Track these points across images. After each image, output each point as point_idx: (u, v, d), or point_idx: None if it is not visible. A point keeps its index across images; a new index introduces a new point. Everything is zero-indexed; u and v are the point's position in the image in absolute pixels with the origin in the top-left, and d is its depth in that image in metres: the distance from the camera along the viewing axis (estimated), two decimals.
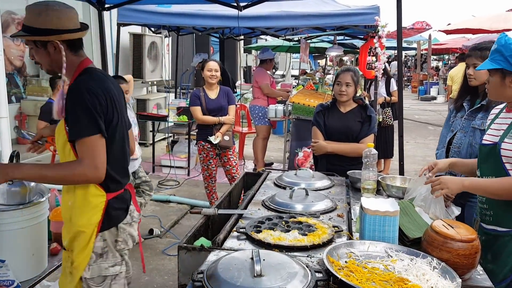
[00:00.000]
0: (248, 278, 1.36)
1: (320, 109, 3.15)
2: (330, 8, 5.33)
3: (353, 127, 3.01)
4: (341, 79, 3.02)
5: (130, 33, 7.33)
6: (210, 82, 4.40)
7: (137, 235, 2.00)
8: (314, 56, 13.29)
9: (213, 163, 4.48)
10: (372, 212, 1.69)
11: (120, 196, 1.87)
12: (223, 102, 4.47)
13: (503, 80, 1.88)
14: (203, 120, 4.38)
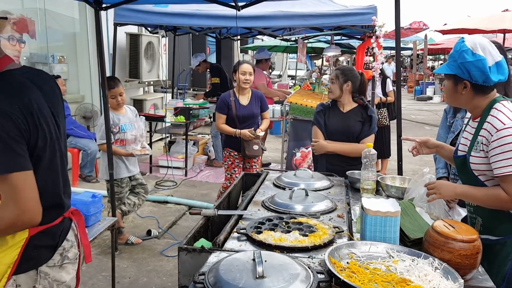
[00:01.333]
0: (250, 279, 1.36)
1: (320, 108, 3.16)
2: (327, 8, 5.33)
3: (354, 127, 3.01)
4: (329, 77, 3.14)
5: (126, 33, 7.30)
6: (243, 87, 4.15)
7: (72, 280, 1.61)
8: (311, 56, 13.28)
9: (237, 172, 4.23)
10: (373, 213, 1.69)
11: (48, 230, 1.50)
12: (255, 110, 4.21)
13: (455, 87, 1.87)
14: (221, 129, 4.20)
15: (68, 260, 1.58)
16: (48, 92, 1.53)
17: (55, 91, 1.58)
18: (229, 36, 7.67)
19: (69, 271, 1.59)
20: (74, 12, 7.20)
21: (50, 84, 1.57)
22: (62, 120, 1.60)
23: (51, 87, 1.57)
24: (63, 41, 7.52)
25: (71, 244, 1.60)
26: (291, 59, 16.08)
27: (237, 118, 4.11)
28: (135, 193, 4.05)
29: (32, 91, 1.44)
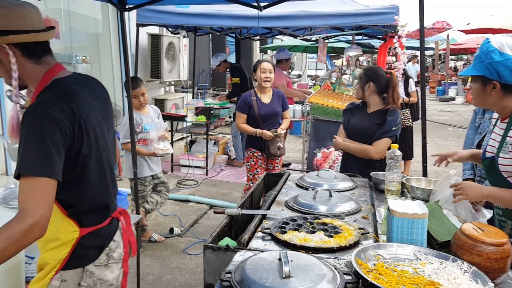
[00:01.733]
0: (276, 279, 1.37)
1: (349, 107, 3.18)
2: (349, 8, 5.31)
3: (369, 129, 2.97)
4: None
5: (148, 34, 7.39)
6: (264, 86, 4.13)
7: (117, 278, 1.66)
8: (330, 56, 13.22)
9: (259, 173, 4.19)
10: (399, 214, 1.68)
11: (97, 231, 1.57)
12: (277, 108, 4.18)
13: (484, 88, 1.84)
14: (242, 129, 4.20)
15: (113, 260, 1.63)
16: (99, 98, 1.61)
17: (104, 97, 1.67)
18: (249, 36, 7.68)
19: (113, 270, 1.64)
20: (97, 13, 7.32)
21: (100, 90, 1.65)
22: (112, 124, 1.69)
23: (101, 93, 1.65)
24: (86, 41, 7.65)
25: (117, 245, 1.66)
26: (310, 59, 16.02)
27: (260, 117, 4.09)
28: (157, 192, 4.10)
29: (81, 98, 1.49)
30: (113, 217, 1.66)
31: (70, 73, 1.56)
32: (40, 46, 1.46)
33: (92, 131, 1.50)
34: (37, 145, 1.32)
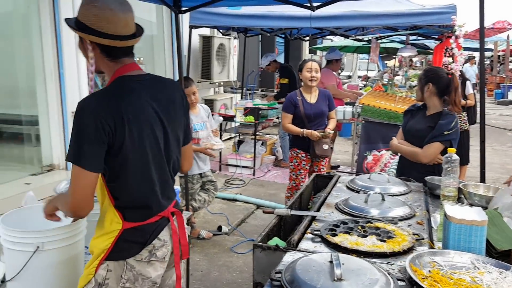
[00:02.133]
0: (327, 281, 1.35)
1: (410, 108, 3.11)
2: (403, 8, 5.16)
3: (421, 132, 2.87)
4: None
5: (199, 35, 7.54)
6: (310, 85, 4.06)
7: (158, 277, 1.65)
8: (382, 57, 12.90)
9: (303, 173, 4.12)
10: (457, 221, 1.61)
11: (139, 227, 1.60)
12: (324, 108, 4.07)
13: None
14: (287, 129, 4.14)
15: (156, 258, 1.63)
16: (162, 99, 1.64)
17: (172, 99, 1.69)
18: (299, 37, 7.65)
19: (157, 268, 1.64)
20: (151, 15, 7.56)
21: (167, 92, 1.68)
22: (176, 127, 1.71)
23: (168, 95, 1.68)
24: (141, 43, 7.88)
25: (163, 244, 1.65)
26: (361, 59, 15.73)
27: (305, 117, 4.03)
28: (205, 190, 4.17)
29: (135, 96, 1.56)
30: (163, 216, 1.66)
31: (142, 73, 1.64)
32: (118, 49, 1.56)
33: (137, 130, 1.54)
34: (75, 136, 1.47)
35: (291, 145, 4.23)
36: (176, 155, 1.72)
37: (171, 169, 1.71)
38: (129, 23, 1.55)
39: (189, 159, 1.88)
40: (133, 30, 1.58)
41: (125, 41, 1.54)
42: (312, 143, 4.03)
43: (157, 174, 1.63)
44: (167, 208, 1.69)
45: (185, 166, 1.87)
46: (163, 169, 1.66)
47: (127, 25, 1.54)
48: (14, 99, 6.24)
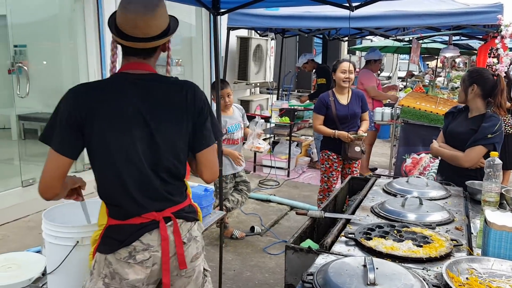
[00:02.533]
0: (360, 285, 1.33)
1: (451, 110, 3.01)
2: (446, 7, 5.00)
3: (463, 134, 2.76)
4: None
5: (237, 37, 7.60)
6: (343, 86, 3.99)
7: (139, 281, 1.58)
8: (423, 57, 12.56)
9: (335, 175, 4.06)
10: (498, 227, 1.55)
11: (119, 226, 1.58)
12: (356, 109, 4.01)
13: None
14: (319, 130, 4.07)
15: (135, 261, 1.56)
16: (153, 101, 1.57)
17: (170, 102, 1.60)
18: (337, 37, 7.57)
19: (137, 272, 1.57)
20: (191, 18, 7.69)
21: (166, 93, 1.61)
22: (172, 130, 1.60)
23: (165, 97, 1.60)
24: (181, 45, 8.07)
25: (146, 248, 1.57)
26: (402, 60, 15.37)
27: (337, 118, 3.97)
28: (239, 191, 4.19)
29: (117, 94, 1.56)
30: (152, 219, 1.59)
31: (145, 72, 1.60)
32: (129, 48, 1.58)
33: (108, 127, 1.53)
34: (51, 118, 1.53)
35: (322, 147, 4.16)
36: (172, 159, 1.61)
37: (162, 172, 1.61)
38: (139, 25, 1.51)
39: (209, 167, 1.72)
40: (148, 34, 1.53)
41: (131, 42, 1.54)
42: (344, 145, 3.96)
43: (131, 175, 1.56)
44: (158, 212, 1.60)
45: (205, 174, 1.72)
46: (141, 171, 1.57)
47: (137, 27, 1.51)
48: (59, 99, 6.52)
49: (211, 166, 1.72)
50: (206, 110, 1.68)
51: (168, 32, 1.60)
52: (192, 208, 1.74)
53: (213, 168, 1.74)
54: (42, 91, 6.23)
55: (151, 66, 1.62)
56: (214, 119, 1.74)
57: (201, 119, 1.66)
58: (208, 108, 1.70)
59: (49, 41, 5.76)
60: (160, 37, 1.57)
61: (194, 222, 1.72)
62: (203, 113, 1.67)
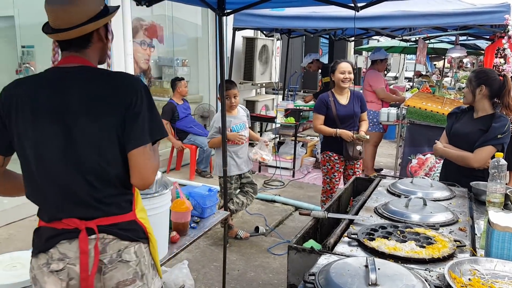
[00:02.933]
0: (362, 286, 1.33)
1: (454, 111, 3.00)
2: (453, 7, 4.97)
3: (471, 135, 2.75)
4: None
5: (243, 37, 7.61)
6: (342, 86, 4.00)
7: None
8: (431, 58, 12.49)
9: (337, 176, 4.07)
10: (501, 228, 1.54)
11: (43, 228, 1.48)
12: (356, 109, 4.02)
13: None
14: (320, 130, 4.05)
15: (50, 270, 1.44)
16: (77, 94, 1.44)
17: (99, 95, 1.44)
18: (344, 38, 7.55)
19: (56, 283, 1.44)
20: (197, 18, 7.72)
21: (96, 87, 1.46)
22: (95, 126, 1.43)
23: (94, 90, 1.45)
24: (187, 45, 8.10)
25: (62, 258, 1.44)
26: (409, 60, 15.30)
27: (338, 118, 3.97)
28: (244, 193, 4.19)
29: (40, 87, 1.46)
30: (75, 227, 1.44)
31: (73, 65, 1.48)
32: (60, 42, 1.51)
33: (23, 122, 1.44)
34: None
35: (323, 148, 4.16)
36: (96, 158, 1.44)
37: (88, 175, 1.44)
38: (60, 16, 1.42)
39: (137, 171, 1.46)
40: (72, 23, 1.42)
41: (54, 34, 1.46)
42: (345, 144, 3.95)
43: (47, 174, 1.45)
44: (81, 220, 1.44)
45: (133, 178, 1.48)
46: (60, 170, 1.45)
47: (58, 17, 1.43)
48: None
49: (139, 171, 1.46)
50: (138, 104, 1.45)
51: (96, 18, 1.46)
52: (136, 226, 1.52)
53: (143, 173, 1.47)
54: None
55: (85, 59, 1.49)
56: (153, 116, 1.49)
57: (130, 114, 1.44)
58: (143, 103, 1.46)
59: None
60: (84, 25, 1.44)
61: (133, 243, 1.49)
62: (132, 107, 1.44)
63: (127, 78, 1.51)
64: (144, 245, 1.53)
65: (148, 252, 1.55)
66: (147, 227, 1.55)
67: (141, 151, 1.45)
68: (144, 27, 7.20)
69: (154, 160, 1.50)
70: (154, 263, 1.59)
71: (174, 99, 5.98)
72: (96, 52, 1.55)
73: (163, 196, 2.12)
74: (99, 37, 1.53)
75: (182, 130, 6.01)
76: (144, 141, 1.46)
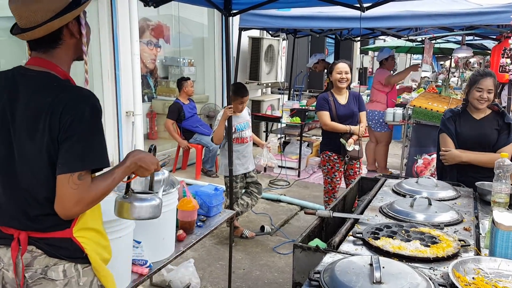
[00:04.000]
0: (366, 284, 1.35)
1: (450, 115, 2.94)
2: (459, 7, 4.96)
3: (490, 136, 2.75)
4: (482, 86, 2.74)
5: (249, 37, 7.63)
6: (340, 86, 4.04)
7: None
8: (437, 57, 12.44)
9: (338, 176, 4.09)
10: (505, 228, 1.55)
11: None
12: (354, 108, 4.07)
13: None
14: (332, 127, 4.00)
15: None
16: (23, 100, 1.37)
17: (34, 104, 1.35)
18: (349, 38, 7.55)
19: None
20: (203, 18, 7.74)
21: (41, 97, 1.35)
22: (23, 137, 1.35)
23: (37, 101, 1.35)
24: (193, 45, 8.14)
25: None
26: (415, 60, 15.25)
27: (337, 118, 4.00)
28: (249, 194, 4.21)
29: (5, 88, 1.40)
30: (11, 234, 1.40)
31: (34, 67, 1.41)
32: (28, 43, 1.43)
33: None
34: None
35: (322, 148, 4.17)
36: (30, 177, 1.37)
37: (22, 191, 1.39)
38: (23, 15, 1.34)
39: (60, 199, 1.33)
40: (36, 21, 1.34)
41: (17, 35, 1.39)
42: (343, 144, 3.98)
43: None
44: (17, 230, 1.39)
45: (55, 204, 1.35)
46: (1, 181, 1.42)
47: (22, 17, 1.35)
48: None
49: (60, 199, 1.33)
50: (74, 126, 1.32)
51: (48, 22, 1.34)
52: (70, 245, 1.40)
53: (64, 203, 1.33)
54: None
55: (50, 62, 1.40)
56: (92, 141, 1.35)
57: (64, 136, 1.32)
58: (82, 125, 1.33)
59: None
60: (49, 22, 1.34)
61: (63, 261, 1.40)
62: (67, 129, 1.31)
63: (74, 95, 1.36)
64: (82, 265, 1.43)
65: (90, 273, 1.45)
66: (87, 248, 1.42)
67: (66, 178, 1.31)
68: (150, 27, 7.25)
69: (82, 191, 1.32)
70: (102, 285, 1.49)
71: (180, 99, 6.01)
72: (68, 51, 1.44)
73: (170, 195, 2.15)
74: (70, 34, 1.41)
75: (188, 130, 6.05)
76: (70, 169, 1.31)
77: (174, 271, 3.24)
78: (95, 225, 1.47)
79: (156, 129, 7.17)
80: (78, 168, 1.32)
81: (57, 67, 1.41)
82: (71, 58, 1.47)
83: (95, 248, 1.45)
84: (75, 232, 1.40)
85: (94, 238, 1.45)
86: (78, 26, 1.42)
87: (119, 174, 1.44)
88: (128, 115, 5.54)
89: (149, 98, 7.33)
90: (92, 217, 1.47)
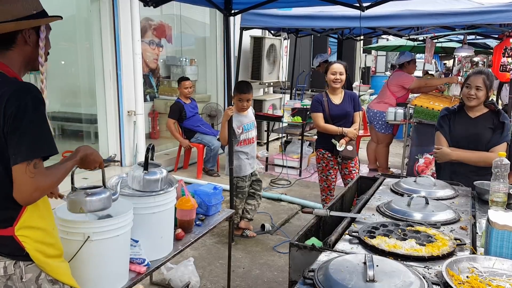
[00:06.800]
0: (359, 282, 1.36)
1: (445, 113, 2.95)
2: (460, 6, 4.94)
3: (483, 134, 2.76)
4: (471, 82, 2.80)
5: (251, 36, 7.64)
6: (334, 87, 4.06)
7: None
8: (441, 57, 12.39)
9: (333, 174, 4.14)
10: (500, 227, 1.56)
11: None
12: (348, 108, 4.09)
13: None
14: (324, 129, 4.05)
15: None
16: None
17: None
18: (351, 37, 7.55)
19: None
20: (205, 17, 7.76)
21: None
22: None
23: None
24: (195, 44, 8.16)
25: None
26: (418, 59, 15.18)
27: (330, 117, 4.04)
28: (252, 194, 4.22)
29: None
30: None
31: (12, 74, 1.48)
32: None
33: None
34: None
35: (317, 145, 4.23)
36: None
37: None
38: None
39: (18, 187, 1.40)
40: None
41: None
42: (335, 145, 4.00)
43: None
44: None
45: (14, 193, 1.41)
46: None
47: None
48: (75, 99, 6.66)
49: (19, 188, 1.40)
50: (19, 118, 1.38)
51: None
52: (11, 243, 1.46)
53: (23, 191, 1.40)
54: (59, 91, 6.36)
55: (1, 62, 1.47)
56: (38, 130, 1.42)
57: (9, 129, 1.38)
58: (26, 116, 1.39)
59: (66, 41, 5.89)
60: (3, 23, 1.41)
61: (4, 259, 1.48)
62: (12, 121, 1.38)
63: (15, 88, 1.41)
64: (25, 263, 1.49)
65: (35, 270, 1.50)
66: (28, 248, 1.47)
67: (23, 168, 1.39)
68: (153, 26, 7.27)
69: (39, 178, 1.41)
70: (54, 280, 1.55)
71: (181, 98, 6.03)
72: (20, 56, 1.51)
73: (168, 193, 2.17)
74: (24, 40, 1.49)
75: (190, 129, 6.06)
76: (26, 158, 1.39)
77: (174, 270, 3.26)
78: (41, 224, 1.52)
79: (158, 129, 7.20)
80: (32, 157, 1.40)
81: (6, 67, 1.48)
82: (23, 64, 1.54)
83: (37, 246, 1.49)
84: (17, 230, 1.46)
85: (37, 237, 1.50)
86: (36, 37, 1.51)
87: (69, 165, 1.58)
88: (130, 115, 5.57)
89: (151, 98, 7.36)
90: (40, 216, 1.51)
